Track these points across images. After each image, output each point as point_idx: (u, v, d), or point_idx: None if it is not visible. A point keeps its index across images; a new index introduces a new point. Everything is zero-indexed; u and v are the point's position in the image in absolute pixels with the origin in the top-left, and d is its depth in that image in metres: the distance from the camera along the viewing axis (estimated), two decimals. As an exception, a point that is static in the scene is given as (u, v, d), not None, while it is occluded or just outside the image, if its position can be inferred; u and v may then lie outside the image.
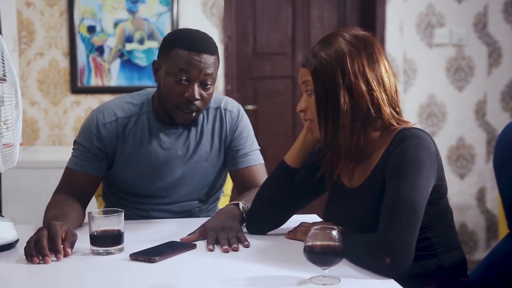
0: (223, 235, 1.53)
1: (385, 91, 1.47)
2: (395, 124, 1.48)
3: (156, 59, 1.82)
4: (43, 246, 1.39)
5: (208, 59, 1.74)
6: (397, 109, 1.50)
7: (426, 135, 1.44)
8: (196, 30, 1.81)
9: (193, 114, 1.78)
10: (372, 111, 1.45)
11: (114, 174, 1.87)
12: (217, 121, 1.90)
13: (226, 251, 1.47)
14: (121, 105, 1.86)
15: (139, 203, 1.90)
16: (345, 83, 1.44)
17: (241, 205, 1.68)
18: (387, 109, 1.47)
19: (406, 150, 1.39)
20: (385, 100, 1.46)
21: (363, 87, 1.44)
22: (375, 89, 1.45)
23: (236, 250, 1.48)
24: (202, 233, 1.58)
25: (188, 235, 1.57)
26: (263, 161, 1.95)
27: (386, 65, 1.49)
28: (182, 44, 1.73)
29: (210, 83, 1.76)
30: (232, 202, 1.71)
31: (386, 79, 1.47)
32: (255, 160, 1.92)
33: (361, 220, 1.46)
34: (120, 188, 1.91)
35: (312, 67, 1.49)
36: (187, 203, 1.92)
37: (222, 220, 1.61)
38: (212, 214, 1.98)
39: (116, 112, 1.84)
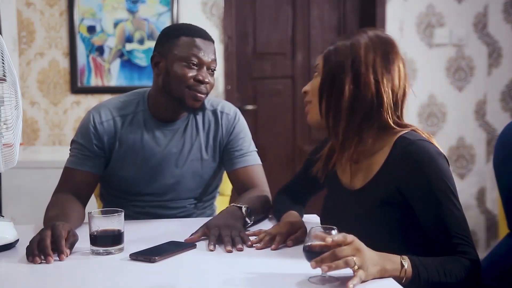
0: (226, 232, 1.53)
1: (392, 91, 1.46)
2: (392, 125, 1.47)
3: (155, 53, 1.85)
4: (46, 246, 1.38)
5: (211, 46, 1.83)
6: (398, 113, 1.49)
7: (433, 147, 1.43)
8: (192, 24, 1.90)
9: (203, 95, 1.81)
10: (374, 104, 1.45)
11: (110, 172, 1.88)
12: (212, 122, 1.92)
13: (230, 252, 1.47)
14: (117, 104, 1.89)
15: (135, 201, 1.91)
16: (353, 71, 1.45)
17: (243, 208, 1.68)
18: (388, 108, 1.46)
19: (431, 180, 1.39)
20: (389, 98, 1.46)
21: (371, 79, 1.44)
22: (382, 84, 1.45)
23: (240, 250, 1.48)
24: (205, 231, 1.57)
25: (191, 235, 1.57)
26: (260, 163, 1.96)
27: (401, 68, 1.49)
28: (187, 33, 1.81)
29: (214, 69, 1.84)
30: (234, 204, 1.71)
31: (396, 80, 1.47)
32: (252, 160, 1.93)
33: (358, 224, 1.46)
34: (116, 187, 1.91)
35: (327, 54, 1.51)
36: (182, 201, 1.93)
37: (225, 219, 1.61)
38: (208, 211, 2.01)
39: (112, 111, 1.87)
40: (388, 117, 1.46)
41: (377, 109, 1.46)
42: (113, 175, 1.89)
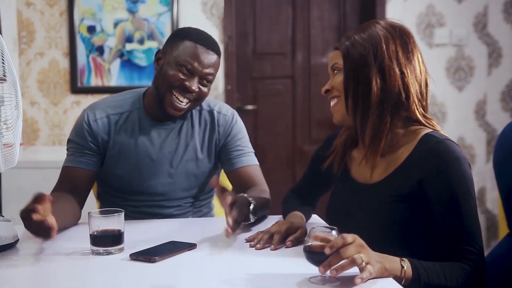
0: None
1: (416, 81, 1.46)
2: (420, 118, 1.47)
3: (160, 49, 1.87)
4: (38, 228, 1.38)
5: (213, 57, 1.80)
6: (424, 103, 1.48)
7: (459, 149, 1.43)
8: (205, 32, 1.87)
9: (184, 104, 1.80)
10: (402, 95, 1.44)
11: (105, 171, 1.89)
12: (208, 123, 1.92)
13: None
14: (112, 102, 1.90)
15: (130, 200, 1.91)
16: (377, 64, 1.44)
17: (251, 205, 1.65)
18: (415, 99, 1.45)
19: (454, 181, 1.39)
20: (416, 88, 1.45)
21: (396, 70, 1.44)
22: (407, 75, 1.44)
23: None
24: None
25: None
26: (258, 163, 1.96)
27: (419, 57, 1.49)
28: (193, 38, 1.80)
29: (209, 81, 1.81)
30: (246, 196, 1.66)
31: (418, 71, 1.47)
32: (251, 160, 1.93)
33: (373, 216, 1.46)
34: (112, 186, 1.92)
35: (345, 49, 1.49)
36: (178, 200, 1.93)
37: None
38: (205, 209, 2.01)
39: (106, 109, 1.88)
40: (416, 108, 1.46)
41: (405, 100, 1.45)
42: (108, 173, 1.89)
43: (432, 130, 1.47)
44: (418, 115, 1.47)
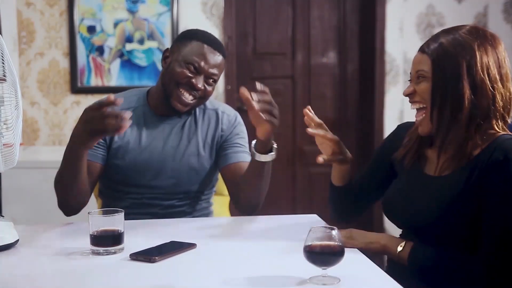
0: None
1: (504, 94, 1.42)
2: (501, 131, 1.43)
3: (168, 48, 1.95)
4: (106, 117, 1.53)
5: (218, 58, 1.89)
6: (506, 118, 1.45)
7: None
8: (212, 34, 1.96)
9: (190, 100, 1.86)
10: (491, 110, 1.41)
11: (109, 164, 1.91)
12: (213, 120, 1.97)
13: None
14: None
15: (132, 193, 1.93)
16: (470, 79, 1.40)
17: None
18: (500, 116, 1.43)
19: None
20: (504, 102, 1.43)
21: (488, 86, 1.40)
22: (497, 90, 1.41)
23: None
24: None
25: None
26: None
27: (508, 69, 1.45)
28: (200, 38, 1.89)
29: (214, 80, 1.89)
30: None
31: (506, 82, 1.43)
32: (247, 158, 1.94)
33: (441, 207, 1.44)
34: (114, 178, 1.94)
35: (434, 54, 1.44)
36: (179, 194, 1.95)
37: None
38: (204, 204, 2.03)
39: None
40: (497, 125, 1.43)
41: (492, 114, 1.42)
42: (111, 166, 1.91)
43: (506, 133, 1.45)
44: (499, 130, 1.43)
